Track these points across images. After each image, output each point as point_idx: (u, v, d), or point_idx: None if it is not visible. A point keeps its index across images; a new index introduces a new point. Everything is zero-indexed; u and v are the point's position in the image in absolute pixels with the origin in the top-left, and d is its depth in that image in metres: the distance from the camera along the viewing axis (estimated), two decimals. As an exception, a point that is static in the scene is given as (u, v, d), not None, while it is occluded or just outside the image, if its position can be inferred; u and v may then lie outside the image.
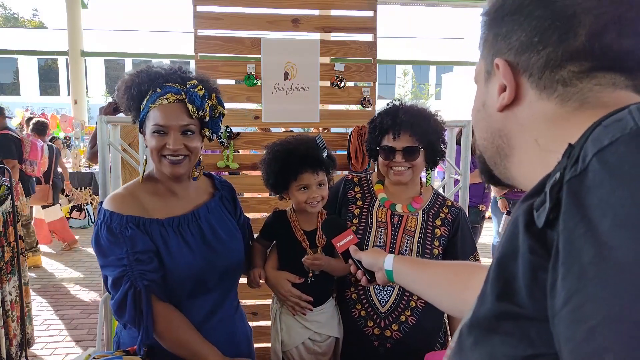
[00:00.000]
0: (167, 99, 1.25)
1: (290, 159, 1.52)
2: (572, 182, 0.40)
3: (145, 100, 1.28)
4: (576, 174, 0.40)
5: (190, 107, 1.27)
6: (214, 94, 1.33)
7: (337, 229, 1.24)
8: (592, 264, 0.36)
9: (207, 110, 1.30)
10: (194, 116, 1.28)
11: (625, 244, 0.34)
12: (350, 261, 1.20)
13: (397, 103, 1.63)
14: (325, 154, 1.56)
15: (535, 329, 0.42)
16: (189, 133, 1.28)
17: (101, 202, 1.34)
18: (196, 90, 1.27)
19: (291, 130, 3.28)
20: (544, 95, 0.53)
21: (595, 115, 0.48)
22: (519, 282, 0.44)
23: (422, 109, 1.60)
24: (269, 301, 1.71)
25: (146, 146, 1.31)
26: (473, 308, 0.52)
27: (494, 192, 4.40)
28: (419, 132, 1.53)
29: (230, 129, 2.39)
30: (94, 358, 1.28)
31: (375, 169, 1.74)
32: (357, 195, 1.69)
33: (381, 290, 1.57)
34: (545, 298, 0.40)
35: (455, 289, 0.97)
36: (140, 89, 1.28)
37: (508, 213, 4.40)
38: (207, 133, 1.34)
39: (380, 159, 1.61)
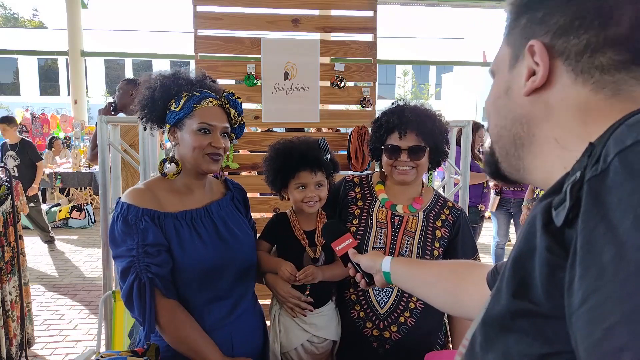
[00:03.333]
0: (210, 102, 1.37)
1: (290, 157, 1.54)
2: (593, 182, 0.40)
3: (183, 101, 1.35)
4: (597, 173, 0.40)
5: (232, 111, 1.42)
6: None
7: (337, 232, 1.24)
8: (611, 263, 0.36)
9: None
10: (233, 120, 1.42)
11: None
12: (349, 264, 1.20)
13: (402, 103, 1.63)
14: (327, 157, 1.57)
15: (552, 327, 0.42)
16: (225, 135, 1.41)
17: (119, 197, 1.39)
18: (235, 97, 1.42)
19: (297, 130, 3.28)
20: (580, 80, 0.52)
21: (623, 109, 0.48)
22: (535, 280, 0.44)
23: (427, 109, 1.61)
24: (268, 301, 1.71)
25: (173, 144, 1.40)
26: (486, 306, 0.52)
27: (492, 190, 4.42)
28: (425, 132, 1.54)
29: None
30: (100, 356, 1.29)
31: (376, 170, 1.74)
32: (357, 196, 1.69)
33: (380, 292, 1.57)
34: (562, 296, 0.40)
35: (451, 287, 0.97)
36: (169, 90, 1.36)
37: (497, 193, 4.48)
38: (232, 136, 1.47)
39: (384, 158, 1.60)
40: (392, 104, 1.65)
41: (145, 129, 1.46)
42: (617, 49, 0.50)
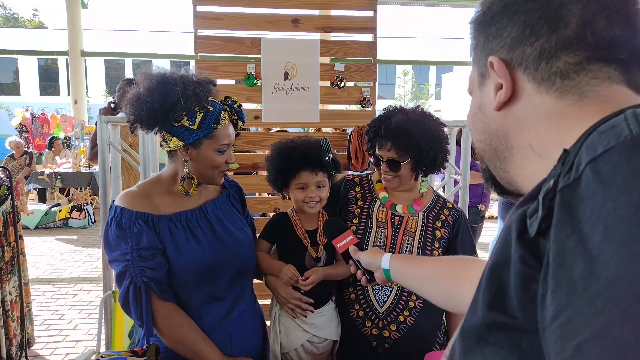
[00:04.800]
0: (225, 118, 1.34)
1: (291, 157, 1.54)
2: (565, 191, 0.39)
3: (199, 118, 1.28)
4: (569, 182, 0.39)
5: (239, 123, 1.40)
6: None
7: (337, 230, 1.25)
8: (581, 278, 0.35)
9: None
10: (238, 130, 1.42)
11: (615, 259, 0.34)
12: (350, 261, 1.20)
13: (391, 108, 1.62)
14: (328, 157, 1.57)
15: (527, 341, 0.41)
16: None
17: (113, 200, 1.38)
18: (238, 105, 1.39)
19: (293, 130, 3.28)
20: (543, 88, 0.53)
21: (595, 110, 0.47)
22: (510, 292, 0.43)
23: (415, 118, 1.55)
24: (268, 301, 1.71)
25: (184, 159, 1.34)
26: (465, 316, 0.51)
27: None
28: (400, 146, 1.52)
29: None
30: (101, 356, 1.30)
31: (371, 170, 1.75)
32: (357, 195, 1.69)
33: (380, 291, 1.57)
34: (536, 309, 0.39)
35: (448, 283, 0.97)
36: (173, 101, 1.25)
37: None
38: None
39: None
40: (384, 109, 1.65)
41: (132, 131, 1.42)
42: (570, 50, 0.50)
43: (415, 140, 1.50)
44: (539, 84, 0.53)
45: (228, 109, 1.36)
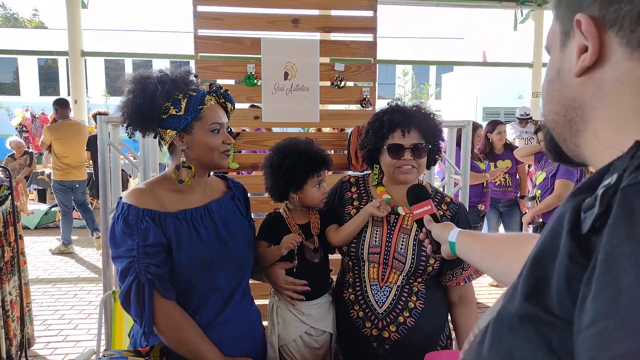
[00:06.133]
0: (210, 100, 1.36)
1: (314, 157, 1.58)
2: (628, 191, 0.35)
3: (184, 103, 1.31)
4: (635, 181, 0.35)
5: (229, 105, 1.42)
6: None
7: (420, 196, 1.27)
8: (628, 290, 0.32)
9: None
10: (230, 113, 1.45)
11: None
12: (424, 229, 1.24)
13: (400, 102, 1.63)
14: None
15: (558, 339, 0.38)
16: (227, 129, 1.42)
17: (120, 198, 1.39)
18: (224, 90, 1.41)
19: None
20: (636, 56, 0.44)
21: None
22: (551, 286, 0.40)
23: (425, 107, 1.63)
24: (267, 301, 1.72)
25: (182, 149, 1.35)
26: (502, 302, 0.48)
27: (525, 220, 4.10)
28: (427, 130, 1.56)
29: (231, 129, 2.39)
30: (102, 356, 1.30)
31: (370, 171, 1.73)
32: (353, 196, 1.69)
33: (378, 291, 1.57)
34: (574, 309, 0.37)
35: (508, 259, 0.93)
36: (154, 94, 1.29)
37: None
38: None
39: (387, 159, 1.56)
40: (388, 104, 1.64)
41: (129, 136, 1.44)
42: None
43: (437, 125, 1.59)
44: (634, 49, 0.44)
45: (214, 94, 1.39)
